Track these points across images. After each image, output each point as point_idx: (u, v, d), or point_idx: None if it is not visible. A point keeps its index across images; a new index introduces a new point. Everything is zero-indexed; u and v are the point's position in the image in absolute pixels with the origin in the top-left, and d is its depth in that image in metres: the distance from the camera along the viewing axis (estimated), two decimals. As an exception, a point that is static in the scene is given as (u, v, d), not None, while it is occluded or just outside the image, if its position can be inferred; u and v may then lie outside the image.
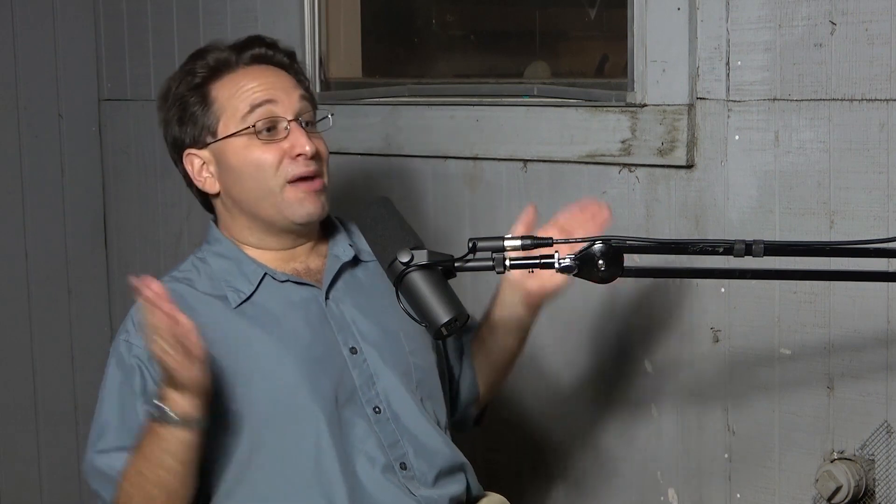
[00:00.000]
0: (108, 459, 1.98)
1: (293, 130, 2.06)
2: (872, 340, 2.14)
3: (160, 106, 2.16)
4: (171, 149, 2.15)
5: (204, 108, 2.08)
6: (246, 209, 2.09)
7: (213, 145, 2.08)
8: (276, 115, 2.06)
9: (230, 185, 2.08)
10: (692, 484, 2.41)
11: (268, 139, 2.05)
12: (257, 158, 2.05)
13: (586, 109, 2.47)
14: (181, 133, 2.11)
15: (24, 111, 3.44)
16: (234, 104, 2.06)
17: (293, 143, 2.05)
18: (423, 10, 3.14)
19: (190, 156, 2.11)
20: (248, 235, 2.11)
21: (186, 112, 2.10)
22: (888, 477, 2.15)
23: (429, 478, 2.04)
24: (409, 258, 1.78)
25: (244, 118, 2.06)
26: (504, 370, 2.30)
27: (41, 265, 3.49)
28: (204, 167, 2.10)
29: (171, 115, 2.12)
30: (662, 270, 2.00)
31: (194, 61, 2.12)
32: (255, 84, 2.08)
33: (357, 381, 2.04)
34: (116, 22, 3.49)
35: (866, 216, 2.12)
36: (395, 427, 2.04)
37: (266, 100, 2.06)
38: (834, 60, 2.13)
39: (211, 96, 2.08)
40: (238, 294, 2.06)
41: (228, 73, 2.10)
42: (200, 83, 2.09)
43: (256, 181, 2.05)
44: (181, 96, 2.10)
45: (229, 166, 2.07)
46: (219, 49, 2.12)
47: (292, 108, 2.08)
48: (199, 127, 2.08)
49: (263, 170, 2.05)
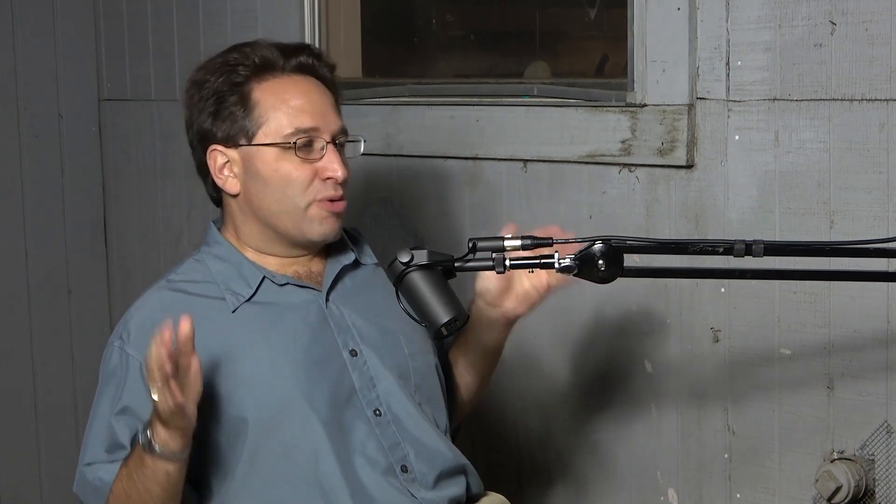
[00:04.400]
0: (98, 472, 1.98)
1: (329, 153, 2.03)
2: (872, 340, 2.14)
3: (191, 92, 2.08)
4: (195, 138, 2.08)
5: (244, 110, 2.03)
6: (262, 217, 2.05)
7: (245, 148, 2.04)
8: (315, 135, 2.03)
9: (253, 191, 2.04)
10: (692, 484, 2.41)
11: (304, 157, 2.02)
12: (289, 174, 2.01)
13: (586, 109, 2.47)
14: (213, 127, 2.05)
15: (24, 111, 3.44)
16: (279, 119, 2.02)
17: (327, 166, 2.02)
18: (423, 10, 3.14)
19: (215, 151, 2.05)
20: (256, 240, 2.08)
21: (223, 108, 2.04)
22: (888, 477, 2.15)
23: (429, 480, 2.03)
24: (409, 258, 1.78)
25: (286, 137, 2.02)
26: (477, 390, 2.29)
27: (41, 265, 3.49)
28: (227, 166, 2.05)
29: (204, 105, 2.05)
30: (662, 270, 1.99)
31: (237, 56, 2.06)
32: (302, 102, 2.03)
33: (357, 384, 2.03)
34: (116, 22, 3.49)
35: (866, 216, 2.12)
36: (395, 429, 2.03)
37: (312, 127, 2.02)
38: (834, 60, 2.13)
39: (252, 98, 2.03)
40: (237, 297, 2.04)
41: (272, 77, 2.04)
42: (242, 82, 2.03)
43: (282, 194, 2.02)
44: (219, 91, 2.04)
45: (257, 173, 2.03)
46: (264, 46, 2.07)
47: (330, 130, 2.04)
48: (236, 127, 2.03)
49: (293, 186, 2.02)
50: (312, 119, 2.03)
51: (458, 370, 2.25)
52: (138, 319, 2.03)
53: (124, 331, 2.02)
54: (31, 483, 3.50)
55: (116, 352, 2.02)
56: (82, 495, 2.02)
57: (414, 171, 2.79)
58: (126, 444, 1.98)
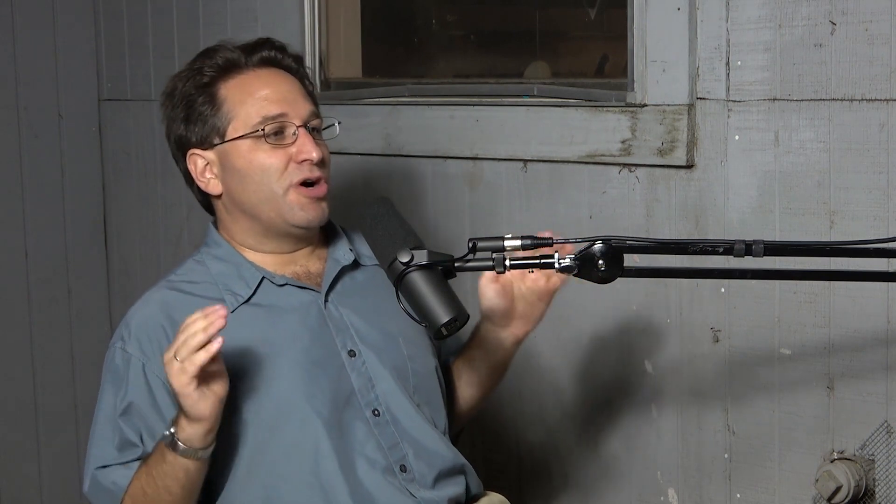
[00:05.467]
0: (112, 475, 1.98)
1: (301, 136, 2.05)
2: (872, 340, 2.14)
3: (164, 103, 2.13)
4: (174, 147, 2.13)
5: (212, 108, 2.06)
6: (247, 211, 2.08)
7: (220, 147, 2.07)
8: (285, 121, 2.05)
9: (233, 186, 2.07)
10: (692, 484, 2.41)
11: (275, 143, 2.04)
12: (263, 162, 2.04)
13: (586, 109, 2.47)
14: (187, 132, 2.09)
15: (24, 111, 3.44)
16: (247, 111, 2.05)
17: (300, 149, 2.04)
18: (423, 10, 3.14)
19: (194, 156, 2.09)
20: (248, 238, 2.10)
21: (193, 111, 2.08)
22: (888, 477, 2.15)
23: (428, 479, 2.03)
24: (409, 258, 1.78)
25: (255, 126, 2.04)
26: (477, 404, 2.29)
27: (41, 265, 3.50)
28: (208, 168, 2.09)
29: (176, 113, 2.10)
30: (662, 270, 1.99)
31: (202, 60, 2.10)
32: (267, 91, 2.06)
33: (355, 385, 2.04)
34: (116, 22, 3.49)
35: (866, 216, 2.12)
36: (394, 430, 2.03)
37: (279, 114, 2.05)
38: (834, 60, 2.13)
39: (219, 97, 2.07)
40: (236, 297, 2.05)
41: (237, 74, 2.08)
42: (208, 82, 2.07)
43: (260, 184, 2.05)
44: (188, 95, 2.08)
45: (234, 168, 2.06)
46: (228, 49, 2.10)
47: (300, 115, 2.06)
48: (207, 127, 2.07)
49: (268, 174, 2.04)
50: (279, 106, 2.05)
51: (460, 384, 2.25)
52: (139, 319, 2.04)
53: (125, 331, 2.04)
54: (31, 483, 3.51)
55: (118, 352, 2.03)
56: (94, 499, 2.01)
57: (414, 171, 2.79)
58: (136, 440, 1.98)
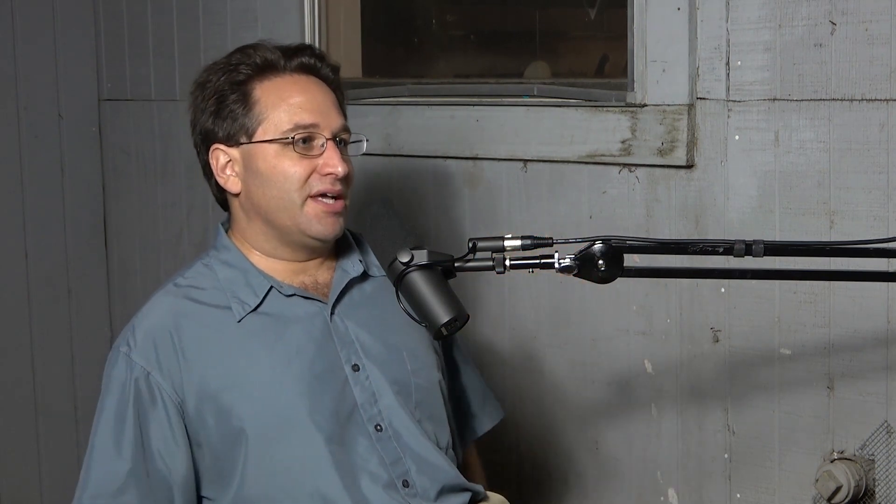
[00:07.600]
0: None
1: (329, 149, 2.03)
2: (872, 340, 2.14)
3: (194, 92, 2.10)
4: (198, 138, 2.10)
5: (244, 107, 2.04)
6: (263, 215, 2.05)
7: (245, 146, 2.04)
8: (315, 131, 2.04)
9: (253, 188, 2.05)
10: (692, 484, 2.41)
11: (302, 152, 2.02)
12: (287, 169, 2.02)
13: (586, 109, 2.47)
14: (214, 126, 2.06)
15: (24, 111, 3.44)
16: (279, 116, 2.03)
17: (326, 162, 2.02)
18: (423, 10, 3.14)
19: (217, 151, 2.06)
20: (262, 242, 2.08)
21: (224, 107, 2.05)
22: (888, 477, 2.15)
23: (431, 494, 2.02)
24: (409, 258, 1.78)
25: (285, 132, 2.02)
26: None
27: (41, 265, 3.50)
28: (229, 165, 2.06)
29: (206, 105, 2.07)
30: (662, 270, 1.99)
31: (240, 56, 2.07)
32: (302, 98, 2.04)
33: (358, 399, 2.02)
34: (116, 22, 3.49)
35: (866, 216, 2.12)
36: (396, 445, 2.02)
37: (311, 123, 2.03)
38: (834, 60, 2.13)
39: (253, 97, 2.04)
40: (243, 306, 2.03)
41: (274, 76, 2.05)
42: (243, 80, 2.05)
43: (280, 190, 2.02)
44: (221, 89, 2.05)
45: (257, 170, 2.03)
46: (267, 48, 2.07)
47: (331, 127, 2.05)
48: (235, 125, 2.04)
49: (290, 181, 2.01)
50: (312, 116, 2.03)
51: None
52: (146, 326, 2.01)
53: (132, 337, 2.01)
54: (31, 483, 3.50)
55: (123, 358, 2.00)
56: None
57: (414, 171, 2.79)
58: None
